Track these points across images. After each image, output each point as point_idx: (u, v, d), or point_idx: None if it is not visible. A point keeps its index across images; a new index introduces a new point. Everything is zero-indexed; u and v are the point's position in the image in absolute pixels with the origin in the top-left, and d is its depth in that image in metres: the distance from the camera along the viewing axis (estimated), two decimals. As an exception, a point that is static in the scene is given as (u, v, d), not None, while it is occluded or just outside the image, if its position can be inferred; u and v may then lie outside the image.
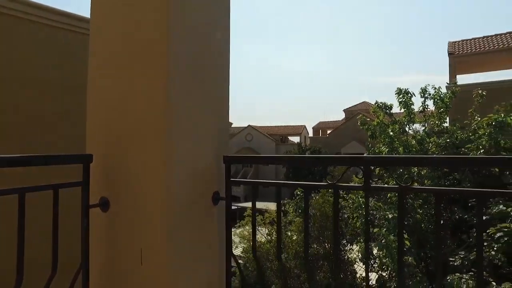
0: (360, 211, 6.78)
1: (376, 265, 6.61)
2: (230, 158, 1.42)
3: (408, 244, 5.46)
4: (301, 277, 5.97)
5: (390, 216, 6.53)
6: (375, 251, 5.88)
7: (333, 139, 35.65)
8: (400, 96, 8.44)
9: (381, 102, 8.83)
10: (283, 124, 46.62)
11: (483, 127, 6.54)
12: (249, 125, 43.75)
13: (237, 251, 10.31)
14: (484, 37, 19.79)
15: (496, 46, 18.32)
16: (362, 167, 1.19)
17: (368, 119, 9.13)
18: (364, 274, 7.47)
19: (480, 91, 7.28)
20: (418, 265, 6.77)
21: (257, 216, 10.59)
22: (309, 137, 44.17)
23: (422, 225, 7.30)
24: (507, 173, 6.77)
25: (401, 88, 8.52)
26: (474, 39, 19.87)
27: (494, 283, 5.27)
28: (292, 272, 6.10)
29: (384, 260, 5.93)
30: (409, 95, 8.39)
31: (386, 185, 2.70)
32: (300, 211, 7.13)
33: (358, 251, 6.67)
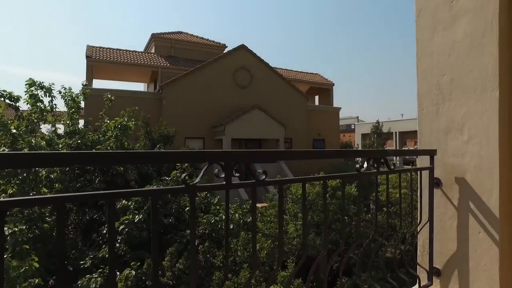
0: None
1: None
2: None
3: (37, 265, 4.64)
4: None
5: None
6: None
7: None
8: (32, 89, 7.28)
9: (3, 90, 7.15)
10: None
11: (111, 130, 6.96)
12: None
13: None
14: (118, 49, 21.90)
15: (128, 60, 20.79)
16: None
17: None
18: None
19: (109, 96, 7.75)
20: (47, 281, 6.10)
21: None
22: None
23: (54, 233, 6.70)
24: (129, 171, 7.68)
25: (35, 80, 7.32)
26: (111, 48, 21.55)
27: (118, 273, 5.65)
28: None
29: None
30: (44, 89, 7.41)
31: None
32: None
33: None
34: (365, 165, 1.44)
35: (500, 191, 1.74)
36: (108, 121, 7.23)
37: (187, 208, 6.65)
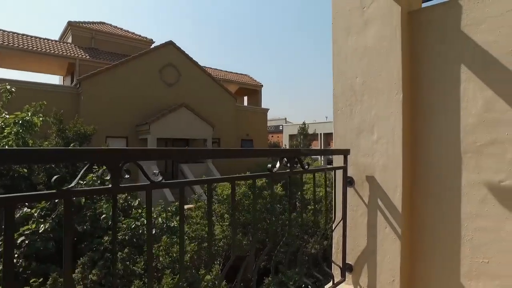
0: None
1: None
2: None
3: None
4: None
5: None
6: None
7: None
8: None
9: None
10: None
11: (11, 126, 6.05)
12: None
13: None
14: (25, 35, 19.41)
15: (37, 48, 18.56)
16: None
17: None
18: None
19: (8, 87, 6.72)
20: None
21: None
22: None
23: None
24: (36, 173, 6.77)
25: None
26: (14, 33, 18.96)
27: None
28: None
29: None
30: None
31: None
32: None
33: None
34: (278, 164, 1.39)
35: (403, 188, 1.85)
36: (8, 116, 6.25)
37: (103, 216, 6.10)
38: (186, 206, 11.48)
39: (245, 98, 30.35)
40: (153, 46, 22.85)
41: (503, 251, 1.66)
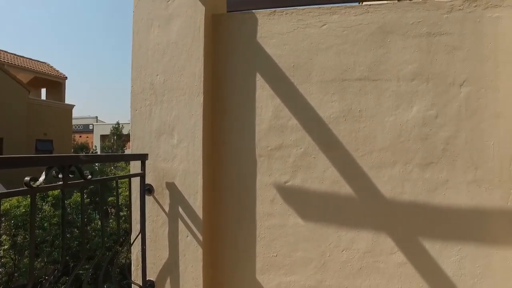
0: None
1: None
2: None
3: None
4: None
5: None
6: None
7: None
8: None
9: None
10: None
11: None
12: None
13: None
14: None
15: None
16: None
17: None
18: None
19: None
20: None
21: None
22: None
23: None
24: None
25: None
26: None
27: None
28: None
29: None
30: None
31: None
32: None
33: None
34: (43, 176, 1.04)
35: (204, 194, 1.80)
36: None
37: None
38: None
39: (43, 90, 25.44)
40: None
41: (287, 244, 1.85)
